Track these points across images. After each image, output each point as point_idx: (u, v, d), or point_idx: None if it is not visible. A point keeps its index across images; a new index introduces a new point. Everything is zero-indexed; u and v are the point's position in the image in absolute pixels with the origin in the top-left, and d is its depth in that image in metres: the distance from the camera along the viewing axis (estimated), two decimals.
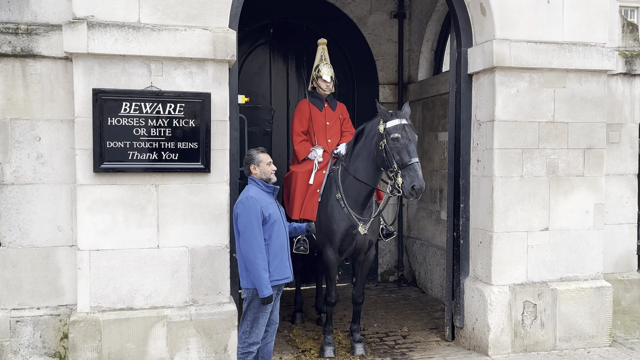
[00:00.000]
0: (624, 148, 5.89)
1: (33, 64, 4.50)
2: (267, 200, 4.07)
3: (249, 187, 4.12)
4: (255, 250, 3.93)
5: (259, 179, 4.14)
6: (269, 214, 4.01)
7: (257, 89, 7.48)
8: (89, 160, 4.41)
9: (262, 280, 3.92)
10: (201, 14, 4.56)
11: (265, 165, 4.16)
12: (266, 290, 3.92)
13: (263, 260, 3.94)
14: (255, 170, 4.16)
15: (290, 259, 4.20)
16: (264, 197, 4.08)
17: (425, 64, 7.89)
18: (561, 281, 5.38)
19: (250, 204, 3.97)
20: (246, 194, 4.04)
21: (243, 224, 3.95)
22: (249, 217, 3.94)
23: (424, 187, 4.51)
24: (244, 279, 4.05)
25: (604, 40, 5.38)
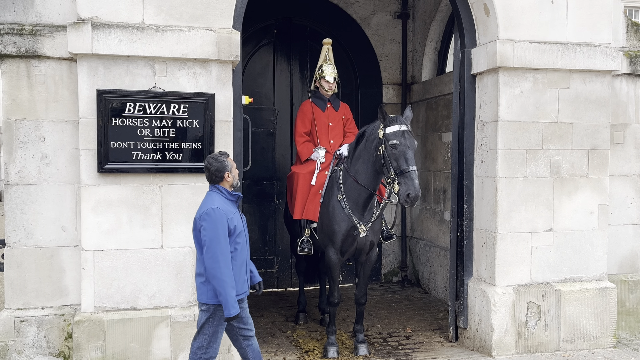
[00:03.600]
0: (628, 149, 5.87)
1: (38, 65, 4.51)
2: (231, 211, 3.77)
3: (212, 196, 3.77)
4: (223, 266, 3.62)
5: (224, 187, 3.81)
6: (234, 225, 3.72)
7: (261, 89, 7.49)
8: (93, 160, 4.42)
9: (229, 299, 3.62)
10: (205, 14, 4.57)
11: (235, 170, 3.88)
12: (233, 309, 3.63)
13: (231, 277, 3.65)
14: (229, 178, 3.82)
15: (247, 274, 3.93)
16: (229, 207, 3.77)
17: (429, 64, 7.88)
18: (565, 282, 5.37)
19: (217, 215, 3.64)
20: (211, 205, 3.69)
21: (209, 237, 3.63)
22: (216, 230, 3.63)
23: (419, 196, 4.52)
24: (203, 294, 3.73)
25: (608, 41, 5.36)
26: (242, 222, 3.88)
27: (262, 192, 7.60)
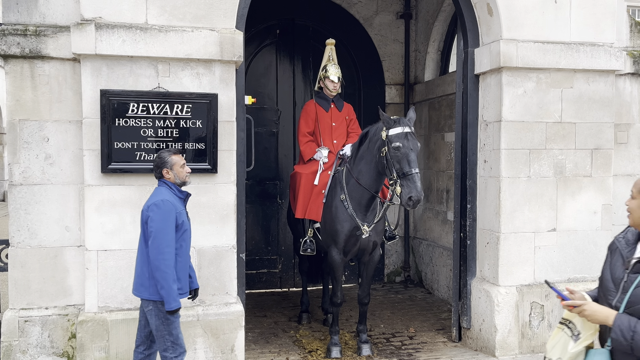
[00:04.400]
0: (632, 148, 5.86)
1: (41, 65, 4.52)
2: (179, 207, 3.74)
3: (160, 190, 3.75)
4: (167, 258, 3.59)
5: (173, 183, 3.79)
6: (181, 221, 3.70)
7: (264, 89, 7.50)
8: (97, 160, 4.43)
9: (171, 292, 3.59)
10: (208, 15, 4.57)
11: (179, 168, 3.79)
12: (174, 302, 3.61)
13: (173, 269, 3.62)
14: (168, 175, 3.77)
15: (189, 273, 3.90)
16: (177, 203, 3.74)
17: (432, 64, 7.88)
18: (569, 282, 5.36)
19: (166, 207, 3.62)
20: (161, 197, 3.67)
21: (156, 229, 3.59)
22: (164, 222, 3.60)
23: (421, 199, 4.52)
24: (145, 290, 3.70)
25: (611, 40, 5.35)
26: (188, 223, 3.84)
27: (264, 192, 7.60)
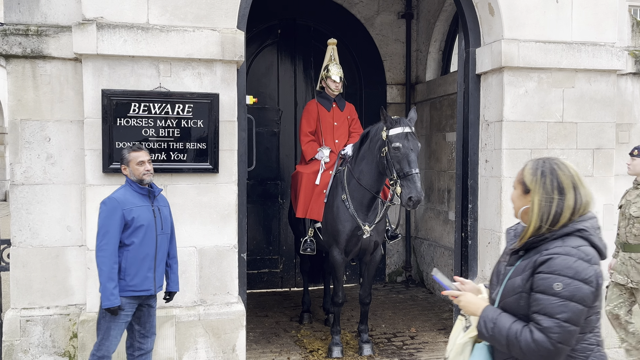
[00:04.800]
0: None
1: (43, 65, 4.53)
2: (135, 203, 3.74)
3: (120, 187, 3.87)
4: (105, 255, 3.63)
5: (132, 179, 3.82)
6: (132, 217, 3.69)
7: (265, 89, 7.50)
8: (98, 160, 4.43)
9: (105, 289, 3.62)
10: (209, 14, 4.57)
11: (135, 165, 3.78)
12: (107, 300, 3.60)
13: (110, 267, 3.62)
14: (125, 171, 3.83)
15: (156, 271, 3.84)
16: (134, 199, 3.76)
17: (433, 64, 7.87)
18: None
19: (110, 205, 3.70)
20: (112, 194, 3.79)
21: (99, 225, 3.69)
22: (106, 219, 3.67)
23: (421, 199, 4.53)
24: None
25: (613, 40, 5.35)
26: (156, 217, 3.82)
27: (266, 192, 7.61)
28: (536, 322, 1.98)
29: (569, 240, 2.03)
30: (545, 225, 2.05)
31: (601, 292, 2.05)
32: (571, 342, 1.99)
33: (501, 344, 2.06)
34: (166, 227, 3.92)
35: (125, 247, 3.71)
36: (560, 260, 1.98)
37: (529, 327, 2.00)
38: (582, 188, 2.10)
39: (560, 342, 1.96)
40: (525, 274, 2.05)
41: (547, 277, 1.98)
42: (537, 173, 2.09)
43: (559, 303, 1.95)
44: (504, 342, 2.04)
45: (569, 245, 2.01)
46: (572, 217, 2.06)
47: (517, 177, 2.16)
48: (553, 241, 2.03)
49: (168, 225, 3.96)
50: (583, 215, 2.09)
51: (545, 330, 1.96)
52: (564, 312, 1.95)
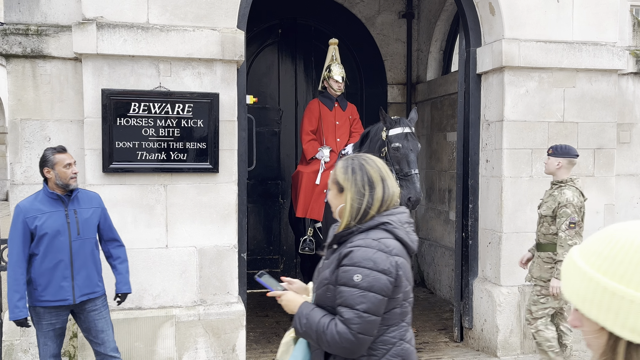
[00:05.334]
0: (634, 148, 5.84)
1: (43, 65, 4.52)
2: (41, 210, 3.49)
3: (36, 192, 3.64)
4: (8, 265, 3.47)
5: (48, 183, 3.56)
6: (35, 226, 3.45)
7: (266, 89, 7.49)
8: (98, 160, 4.43)
9: (9, 301, 3.43)
10: (209, 14, 4.57)
11: (61, 168, 3.52)
12: (12, 313, 3.41)
13: (14, 278, 3.43)
14: (49, 175, 3.53)
15: (75, 279, 3.57)
16: (42, 205, 3.51)
17: (434, 63, 7.86)
18: None
19: (15, 213, 3.50)
20: (21, 201, 3.57)
21: (9, 235, 3.52)
22: (11, 228, 3.48)
23: (420, 200, 4.54)
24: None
25: (614, 40, 5.33)
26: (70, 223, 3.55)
27: (266, 191, 7.60)
28: (339, 314, 2.02)
29: (372, 233, 2.07)
30: (357, 218, 2.10)
31: (402, 283, 2.06)
32: (372, 333, 2.02)
33: (312, 339, 2.09)
34: (87, 231, 3.62)
35: (34, 257, 3.51)
36: (360, 252, 2.02)
37: (334, 320, 2.03)
38: (389, 180, 2.17)
39: (361, 332, 1.99)
40: (332, 266, 2.10)
41: (348, 269, 2.02)
42: (348, 171, 2.14)
43: (359, 294, 1.99)
44: (314, 337, 2.07)
45: (371, 238, 2.05)
46: (380, 209, 2.11)
47: (331, 177, 2.21)
48: (359, 234, 2.08)
49: (90, 228, 3.65)
50: (391, 209, 2.15)
51: (346, 321, 1.99)
52: (363, 303, 1.98)
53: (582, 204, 4.28)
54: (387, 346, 2.07)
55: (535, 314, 4.43)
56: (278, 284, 2.35)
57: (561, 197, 4.25)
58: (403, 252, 2.10)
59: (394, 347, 2.08)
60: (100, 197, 3.86)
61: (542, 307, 4.40)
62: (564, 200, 4.23)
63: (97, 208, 3.74)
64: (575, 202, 4.21)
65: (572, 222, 4.17)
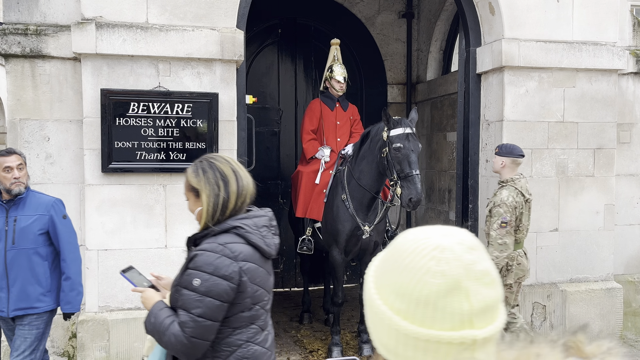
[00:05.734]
0: (634, 148, 5.83)
1: (42, 65, 4.52)
2: None
3: None
4: None
5: None
6: None
7: (265, 89, 7.49)
8: (97, 160, 4.42)
9: None
10: (209, 14, 4.56)
11: (1, 172, 3.34)
12: None
13: None
14: None
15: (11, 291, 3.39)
16: None
17: (434, 63, 7.85)
18: (571, 282, 5.34)
19: None
20: None
21: None
22: None
23: (421, 200, 4.52)
24: None
25: (614, 40, 5.33)
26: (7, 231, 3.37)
27: (266, 192, 7.59)
28: (178, 316, 2.04)
29: (222, 237, 2.07)
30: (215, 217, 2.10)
31: (247, 289, 2.06)
32: (208, 337, 2.03)
33: (157, 338, 2.10)
34: (24, 240, 3.38)
35: None
36: (204, 257, 2.02)
37: (175, 322, 2.04)
38: (241, 172, 2.19)
39: (194, 336, 2.00)
40: (182, 269, 2.11)
41: (190, 272, 2.03)
42: (199, 173, 2.15)
43: (196, 298, 2.00)
44: (157, 336, 2.08)
45: (217, 242, 2.05)
46: (237, 203, 2.13)
47: (185, 186, 2.21)
48: (210, 238, 2.08)
49: (28, 237, 3.40)
50: (249, 213, 2.17)
51: (181, 324, 2.01)
52: (199, 307, 1.99)
53: (519, 203, 4.33)
54: (232, 348, 2.08)
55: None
56: (145, 279, 2.34)
57: (497, 197, 4.36)
58: (254, 257, 2.09)
59: (240, 349, 2.09)
60: (59, 204, 3.57)
61: None
62: (498, 200, 4.33)
63: (44, 215, 3.44)
64: (509, 202, 4.28)
65: (504, 222, 4.24)
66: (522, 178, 4.47)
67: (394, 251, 0.97)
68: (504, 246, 4.28)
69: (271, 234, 2.19)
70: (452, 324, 0.88)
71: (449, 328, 0.88)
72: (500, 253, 4.27)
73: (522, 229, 4.42)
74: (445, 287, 0.89)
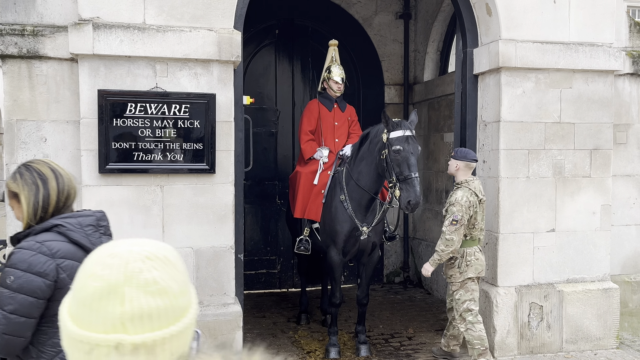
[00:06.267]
0: (631, 149, 5.85)
1: (39, 65, 4.51)
2: None
3: None
4: None
5: None
6: None
7: (263, 89, 7.49)
8: (95, 161, 4.42)
9: None
10: (206, 15, 4.56)
11: None
12: None
13: None
14: None
15: None
16: None
17: (431, 64, 7.87)
18: (568, 282, 5.35)
19: None
20: None
21: None
22: None
23: (420, 203, 4.54)
24: None
25: (610, 41, 5.34)
26: None
27: (263, 192, 7.59)
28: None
29: (42, 235, 2.11)
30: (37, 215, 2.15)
31: (67, 285, 2.04)
32: (23, 334, 2.05)
33: None
34: None
35: None
36: (19, 255, 2.06)
37: None
38: (61, 170, 2.24)
39: (7, 333, 2.02)
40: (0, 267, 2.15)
41: (6, 270, 2.06)
42: (16, 177, 2.20)
43: (9, 295, 2.03)
44: None
45: (35, 240, 2.09)
46: (60, 201, 2.18)
47: (6, 195, 2.24)
48: (31, 236, 2.12)
49: None
50: (74, 212, 2.22)
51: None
52: (11, 304, 2.02)
53: (472, 203, 4.68)
54: (57, 349, 2.09)
55: (460, 313, 4.74)
56: None
57: (452, 197, 4.74)
58: (76, 255, 2.12)
59: None
60: None
61: (460, 303, 4.74)
62: (453, 199, 4.70)
63: None
64: (462, 201, 4.65)
65: (455, 220, 4.63)
66: (476, 179, 4.82)
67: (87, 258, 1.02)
68: (450, 242, 4.67)
69: (99, 233, 2.23)
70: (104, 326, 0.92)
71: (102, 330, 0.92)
72: (445, 247, 4.68)
73: (477, 227, 4.75)
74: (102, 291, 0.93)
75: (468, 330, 4.71)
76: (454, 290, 4.79)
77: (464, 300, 4.72)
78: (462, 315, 4.73)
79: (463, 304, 4.72)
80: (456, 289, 4.76)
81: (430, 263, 4.78)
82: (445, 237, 4.67)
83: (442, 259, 4.73)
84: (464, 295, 4.73)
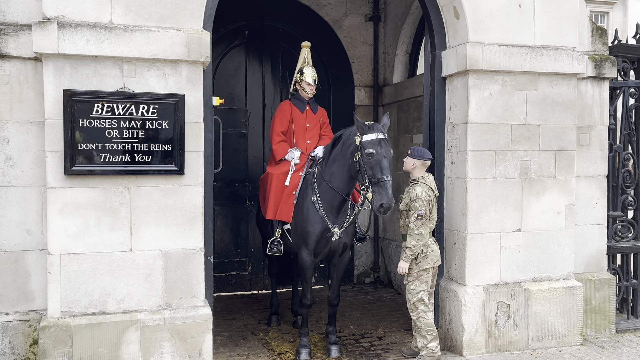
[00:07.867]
0: (594, 150, 6.00)
1: (1, 65, 4.40)
2: None
3: None
4: None
5: None
6: None
7: (233, 90, 7.45)
8: (60, 162, 4.33)
9: None
10: (175, 14, 4.52)
11: None
12: None
13: None
14: None
15: None
16: None
17: (400, 66, 7.94)
18: (534, 281, 5.46)
19: None
20: None
21: None
22: None
23: (392, 206, 4.58)
24: None
25: (574, 44, 5.48)
26: None
27: (234, 194, 7.55)
28: None
29: None
30: None
31: None
32: None
33: None
34: None
35: None
36: None
37: None
38: None
39: None
40: None
41: None
42: None
43: None
44: None
45: None
46: None
47: None
48: None
49: None
50: None
51: None
52: None
53: (431, 197, 4.98)
54: None
55: (413, 302, 4.98)
56: None
57: (412, 193, 4.97)
58: None
59: None
60: None
61: (414, 293, 4.98)
62: (414, 195, 4.94)
63: None
64: (423, 197, 4.91)
65: (420, 215, 4.88)
66: (430, 176, 5.12)
67: None
68: (420, 236, 4.90)
69: None
70: None
71: None
72: (417, 242, 4.90)
73: (432, 220, 5.04)
74: None
75: (420, 318, 4.97)
76: (409, 280, 5.02)
77: (418, 291, 4.97)
78: (415, 304, 4.99)
79: (417, 294, 4.97)
80: (412, 280, 5.00)
81: (404, 260, 4.96)
82: (414, 233, 4.90)
83: (415, 253, 4.94)
84: (419, 286, 4.98)
